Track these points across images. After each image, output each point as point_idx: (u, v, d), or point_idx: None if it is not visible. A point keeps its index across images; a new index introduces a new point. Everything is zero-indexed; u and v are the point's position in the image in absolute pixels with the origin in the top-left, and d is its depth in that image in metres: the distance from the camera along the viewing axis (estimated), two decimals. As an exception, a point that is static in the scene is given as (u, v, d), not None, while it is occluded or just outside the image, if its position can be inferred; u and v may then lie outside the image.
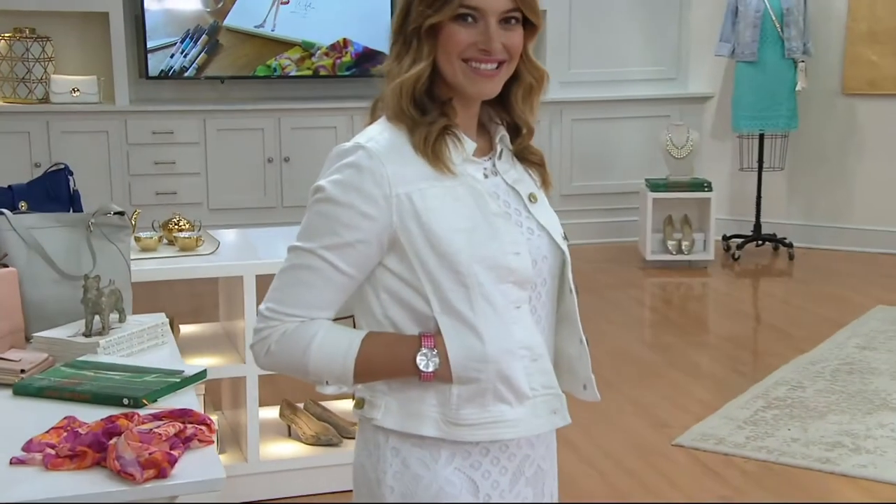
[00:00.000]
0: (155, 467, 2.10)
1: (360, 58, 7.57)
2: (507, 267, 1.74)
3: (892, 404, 4.73)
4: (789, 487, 4.02)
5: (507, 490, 1.82)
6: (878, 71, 7.40)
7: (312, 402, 4.07)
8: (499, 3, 1.72)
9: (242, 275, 3.65)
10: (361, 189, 1.72)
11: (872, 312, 6.08)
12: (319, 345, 1.76)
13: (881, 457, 4.21)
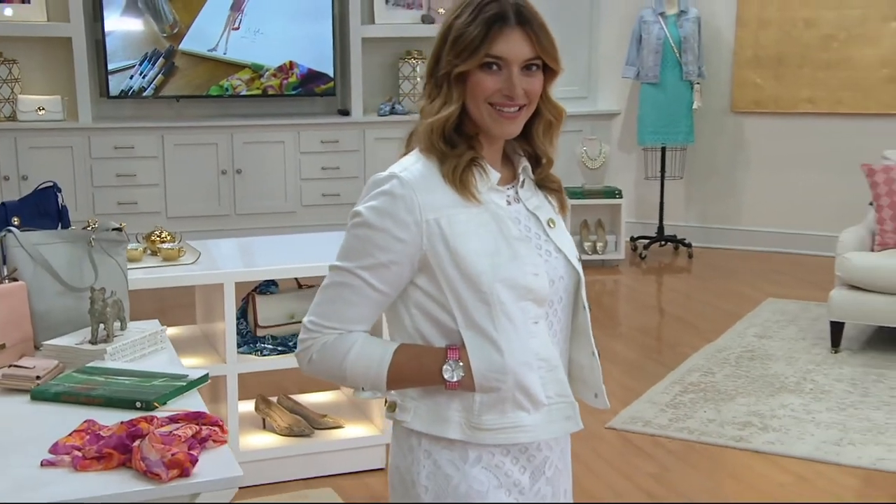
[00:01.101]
0: (178, 467, 2.08)
1: (304, 78, 7.49)
2: (527, 286, 1.75)
3: (790, 387, 4.83)
4: (710, 464, 4.08)
5: (527, 488, 1.83)
6: (761, 92, 7.55)
7: (285, 397, 4.04)
8: (521, 53, 1.73)
9: (223, 282, 3.61)
10: (395, 215, 1.73)
11: (764, 304, 6.19)
12: (356, 355, 1.78)
13: (786, 434, 4.30)
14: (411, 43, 7.72)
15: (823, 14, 7.31)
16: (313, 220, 7.40)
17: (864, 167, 5.58)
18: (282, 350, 3.81)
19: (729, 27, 7.56)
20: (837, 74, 7.33)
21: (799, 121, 7.46)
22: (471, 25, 1.72)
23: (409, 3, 7.71)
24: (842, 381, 4.91)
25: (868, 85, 7.26)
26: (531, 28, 1.73)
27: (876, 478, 3.94)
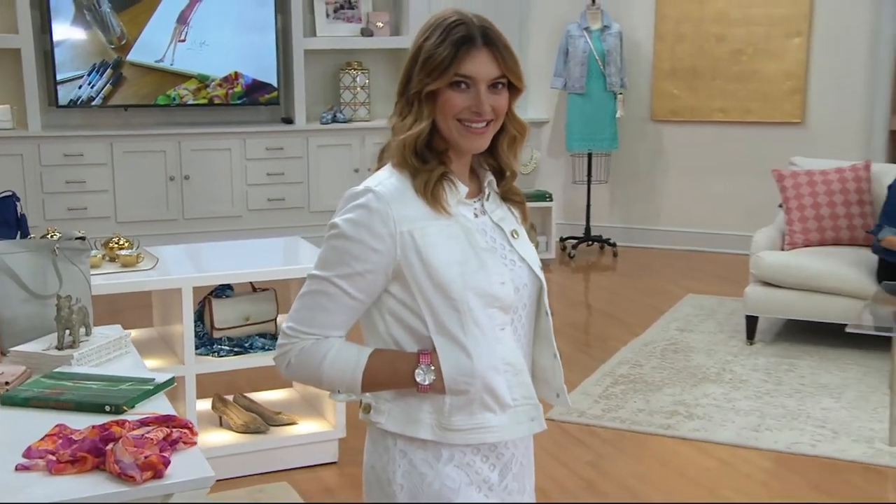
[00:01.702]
0: (152, 469, 2.05)
1: (249, 88, 7.41)
2: (494, 295, 1.75)
3: (711, 377, 4.91)
4: (641, 450, 4.13)
5: (496, 484, 1.84)
6: (678, 102, 7.64)
7: (240, 395, 4.00)
8: (488, 72, 1.74)
9: (181, 287, 3.57)
10: (371, 227, 1.73)
11: (685, 300, 6.27)
12: (332, 360, 1.78)
13: (709, 421, 4.37)
14: (351, 55, 7.69)
15: (733, 31, 7.43)
16: (259, 223, 7.34)
17: (775, 172, 5.70)
18: (238, 351, 3.78)
19: (648, 41, 7.65)
20: (746, 86, 7.45)
21: (712, 129, 7.56)
22: (440, 46, 1.73)
23: (349, 17, 7.68)
24: (757, 370, 5.00)
25: (774, 96, 7.39)
26: (497, 49, 1.74)
27: (790, 460, 4.03)
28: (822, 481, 3.85)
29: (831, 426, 4.31)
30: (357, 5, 7.69)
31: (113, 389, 2.48)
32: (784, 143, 7.15)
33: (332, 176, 7.54)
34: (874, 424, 4.30)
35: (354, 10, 7.68)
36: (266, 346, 3.81)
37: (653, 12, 7.61)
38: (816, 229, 5.49)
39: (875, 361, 5.02)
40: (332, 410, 3.91)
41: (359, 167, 7.58)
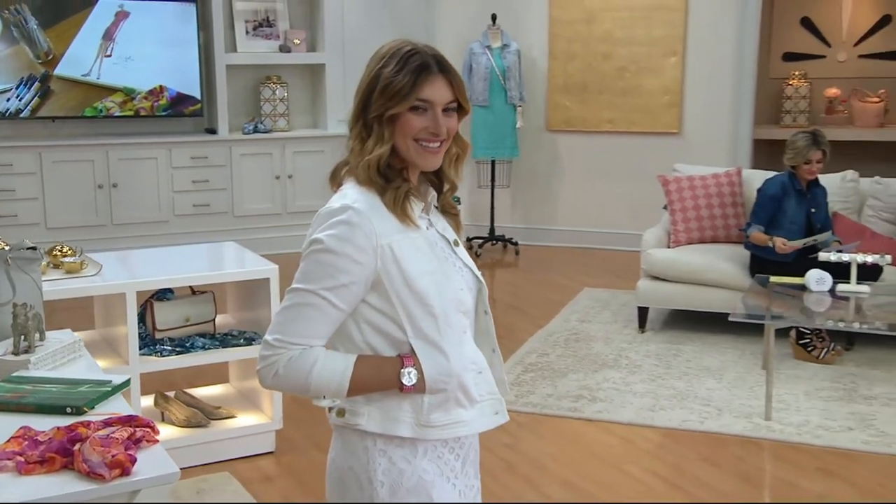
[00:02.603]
0: (119, 467, 2.02)
1: (174, 101, 7.27)
2: (460, 300, 1.80)
3: (610, 363, 4.99)
4: (553, 432, 4.18)
5: (460, 472, 1.86)
6: (570, 113, 7.77)
7: (181, 392, 3.94)
8: (444, 96, 1.76)
9: (126, 291, 3.50)
10: (354, 241, 1.72)
11: (582, 293, 6.36)
12: (321, 368, 1.75)
13: (611, 403, 4.45)
14: (270, 69, 7.61)
15: (618, 50, 7.58)
16: (185, 228, 7.21)
17: (660, 178, 5.84)
18: (180, 350, 3.71)
19: (543, 59, 7.76)
20: (630, 100, 7.59)
21: (602, 138, 7.69)
22: (400, 74, 1.74)
23: (268, 35, 7.59)
24: (650, 356, 5.10)
25: (654, 109, 7.54)
26: (450, 75, 1.77)
27: (682, 436, 4.13)
28: (710, 454, 3.96)
29: (715, 404, 4.44)
30: (275, 23, 7.61)
31: (72, 392, 2.42)
32: (664, 151, 7.33)
33: (254, 183, 7.45)
34: (752, 402, 4.45)
35: (273, 27, 7.60)
36: (206, 345, 3.76)
37: (546, 32, 7.72)
38: (697, 228, 5.66)
39: (749, 346, 5.19)
40: (269, 403, 3.88)
41: (280, 174, 7.52)
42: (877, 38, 9.01)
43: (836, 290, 4.65)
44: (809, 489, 3.67)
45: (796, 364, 4.96)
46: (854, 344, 5.21)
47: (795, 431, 4.14)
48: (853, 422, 4.23)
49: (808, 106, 9.16)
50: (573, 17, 7.65)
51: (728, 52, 7.33)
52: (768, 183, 5.25)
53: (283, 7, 7.63)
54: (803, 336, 5.03)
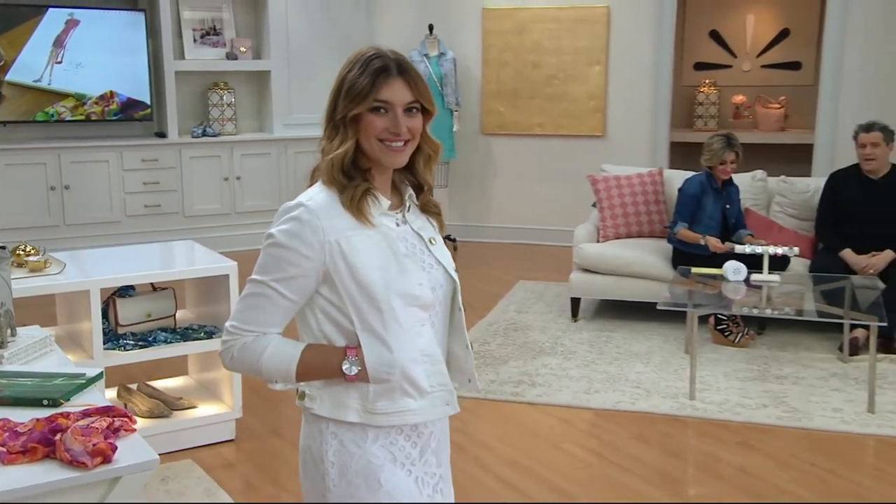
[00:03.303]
0: (101, 455, 1.99)
1: (124, 106, 7.11)
2: (413, 295, 1.76)
3: (547, 350, 5.03)
4: (497, 416, 4.19)
5: (417, 459, 1.83)
6: (503, 118, 7.82)
7: (143, 384, 3.87)
8: (403, 97, 1.74)
9: (90, 289, 3.42)
10: (302, 237, 1.72)
11: (517, 286, 6.39)
12: (270, 354, 1.76)
13: (549, 388, 4.49)
14: (218, 76, 7.49)
15: (546, 59, 7.66)
16: (137, 228, 7.06)
17: (589, 178, 5.92)
18: (142, 345, 3.64)
19: (477, 67, 7.79)
20: (558, 105, 7.68)
21: (533, 140, 7.75)
22: (361, 77, 1.73)
23: (215, 42, 7.48)
24: (583, 343, 5.16)
25: (580, 113, 7.63)
26: (410, 77, 1.75)
27: (616, 416, 4.19)
28: (641, 432, 4.03)
29: (644, 386, 4.51)
30: (222, 32, 7.50)
31: (47, 385, 2.37)
32: (590, 153, 7.43)
33: (204, 184, 7.34)
34: (677, 383, 4.54)
35: (219, 36, 7.49)
36: (168, 339, 3.69)
37: (480, 42, 7.75)
38: (624, 224, 5.75)
39: (673, 331, 5.30)
40: (228, 393, 3.83)
41: (228, 176, 7.41)
42: (777, 49, 9.28)
43: (751, 279, 4.77)
44: (731, 461, 3.75)
45: (715, 348, 5.07)
46: (765, 328, 5.36)
47: (717, 409, 4.24)
48: (767, 399, 4.35)
49: (717, 111, 9.39)
50: (505, 28, 7.70)
51: (646, 61, 7.45)
52: (688, 182, 5.35)
53: (230, 16, 7.52)
54: (721, 322, 5.15)
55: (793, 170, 6.50)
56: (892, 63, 6.91)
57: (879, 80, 6.96)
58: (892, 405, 4.26)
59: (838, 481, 3.58)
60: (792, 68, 9.25)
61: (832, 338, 5.15)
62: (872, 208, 5.18)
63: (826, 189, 5.41)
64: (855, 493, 3.50)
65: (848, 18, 6.97)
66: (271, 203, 7.62)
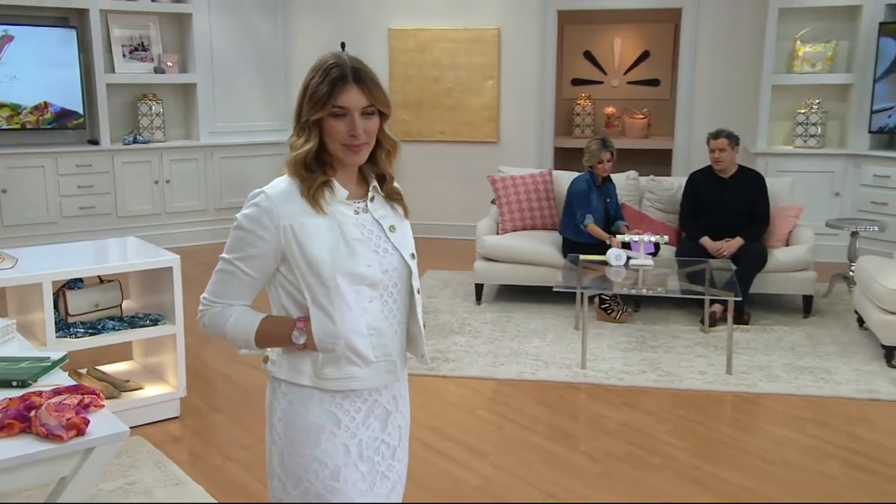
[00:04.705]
0: (75, 428, 1.95)
1: (58, 115, 6.80)
2: (360, 275, 1.74)
3: (456, 330, 5.06)
4: (417, 388, 4.00)
5: (361, 423, 1.82)
6: (409, 126, 7.82)
7: (92, 368, 3.73)
8: (358, 103, 1.73)
9: (42, 282, 3.28)
10: (260, 220, 1.74)
11: (427, 275, 6.36)
12: (234, 323, 1.80)
13: (460, 363, 4.52)
14: (147, 88, 7.26)
15: (446, 74, 7.71)
16: (73, 228, 6.78)
17: (489, 177, 6.00)
18: (92, 332, 3.52)
19: (385, 80, 7.66)
20: (457, 115, 7.73)
21: (435, 146, 7.79)
22: (321, 85, 1.72)
23: (143, 57, 7.23)
24: (487, 323, 5.20)
25: (476, 122, 7.71)
26: (365, 84, 1.74)
27: (520, 385, 4.26)
28: (542, 398, 4.12)
29: (543, 358, 4.60)
30: (149, 47, 7.26)
31: (15, 367, 2.29)
32: (486, 157, 7.52)
33: (135, 187, 7.10)
34: (570, 355, 4.64)
35: (147, 51, 7.25)
36: (115, 327, 3.58)
37: (387, 59, 7.74)
38: (520, 218, 5.85)
39: (564, 311, 5.40)
40: (173, 375, 3.74)
41: (158, 180, 7.19)
42: (640, 68, 9.62)
43: (629, 264, 4.91)
44: (617, 418, 3.87)
45: (600, 324, 5.20)
46: (640, 306, 5.55)
47: (604, 376, 4.36)
48: (645, 366, 4.50)
49: (592, 121, 9.67)
50: (409, 47, 7.72)
51: (532, 77, 7.59)
52: (576, 181, 5.47)
53: (157, 33, 7.29)
54: (605, 301, 5.30)
55: (656, 171, 6.75)
56: (734, 80, 7.26)
57: (725, 95, 7.31)
58: (745, 367, 4.48)
59: (705, 431, 3.75)
60: (652, 84, 9.60)
61: (695, 312, 5.37)
62: (724, 203, 5.42)
63: (687, 187, 5.62)
64: (717, 439, 3.66)
65: (698, 42, 7.29)
66: (199, 204, 7.45)
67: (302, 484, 1.78)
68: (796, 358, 4.63)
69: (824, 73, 6.78)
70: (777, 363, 4.55)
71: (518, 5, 7.50)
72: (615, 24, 9.49)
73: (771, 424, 3.84)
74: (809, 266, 5.34)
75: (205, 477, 3.26)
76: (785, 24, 6.81)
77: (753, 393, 4.17)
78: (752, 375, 4.37)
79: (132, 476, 3.22)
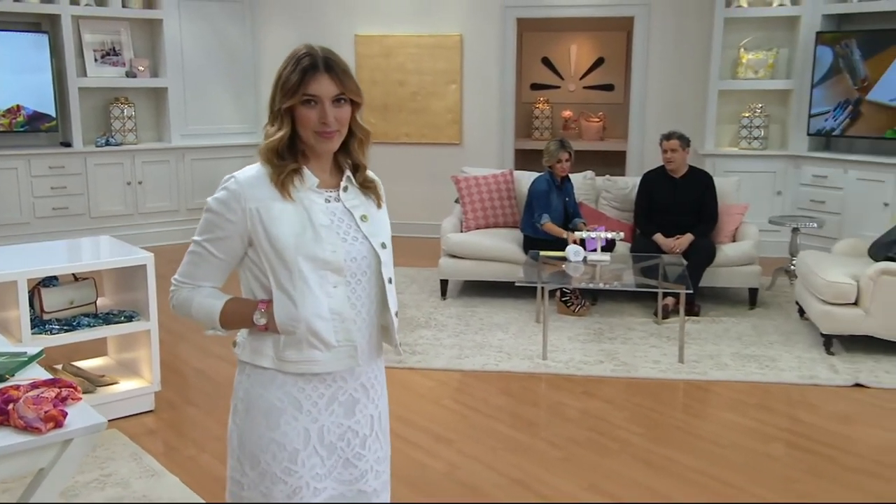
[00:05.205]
0: (53, 420, 1.91)
1: (31, 118, 6.64)
2: (324, 260, 1.71)
3: (423, 324, 5.04)
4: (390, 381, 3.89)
5: (324, 408, 1.78)
6: (376, 128, 7.63)
7: (68, 364, 3.66)
8: (329, 91, 1.71)
9: (17, 280, 3.21)
10: (228, 204, 1.73)
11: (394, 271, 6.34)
12: (199, 304, 1.79)
13: (427, 355, 4.51)
14: (119, 91, 7.13)
15: (411, 78, 7.69)
16: (46, 228, 6.65)
17: (453, 177, 5.99)
18: (67, 329, 3.45)
19: (351, 85, 7.75)
20: (422, 118, 7.71)
21: (401, 147, 7.75)
22: (292, 73, 1.70)
23: (115, 62, 7.10)
24: (452, 317, 5.20)
25: (440, 125, 7.70)
26: (335, 73, 1.71)
27: (484, 376, 4.27)
28: (505, 388, 4.13)
29: (506, 350, 4.61)
30: (121, 52, 7.14)
31: (-9, 363, 2.23)
32: (449, 158, 7.52)
33: (108, 188, 6.98)
34: (532, 347, 4.66)
35: (119, 56, 7.12)
36: (91, 323, 3.52)
37: (353, 64, 7.69)
38: (483, 217, 5.86)
39: (525, 305, 5.43)
40: (147, 370, 3.69)
41: (131, 181, 7.08)
42: (595, 73, 9.71)
43: (587, 259, 4.95)
44: (577, 406, 3.90)
45: (559, 317, 5.22)
46: (598, 299, 5.60)
47: (564, 366, 4.39)
48: (602, 356, 4.53)
49: (550, 123, 9.73)
50: (374, 52, 7.70)
51: (493, 82, 7.60)
52: (537, 181, 5.50)
53: (128, 39, 7.17)
54: (564, 295, 5.34)
55: (611, 171, 6.81)
56: (683, 85, 7.36)
57: (675, 99, 7.41)
58: (696, 356, 4.55)
59: (659, 417, 3.80)
60: (607, 89, 9.70)
61: (649, 305, 5.43)
62: (676, 201, 5.49)
63: (640, 186, 5.67)
64: (671, 424, 3.71)
65: (649, 50, 7.38)
66: (171, 204, 7.34)
67: (260, 465, 1.75)
68: (743, 347, 4.71)
69: (766, 79, 6.91)
70: (725, 352, 4.62)
71: (479, 13, 7.51)
72: (571, 31, 9.56)
73: (720, 410, 3.91)
74: (754, 261, 5.44)
75: (180, 468, 3.22)
76: (730, 33, 6.92)
77: (704, 380, 4.23)
78: (702, 364, 4.44)
79: (108, 468, 3.17)
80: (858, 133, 6.53)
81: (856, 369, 4.36)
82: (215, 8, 7.45)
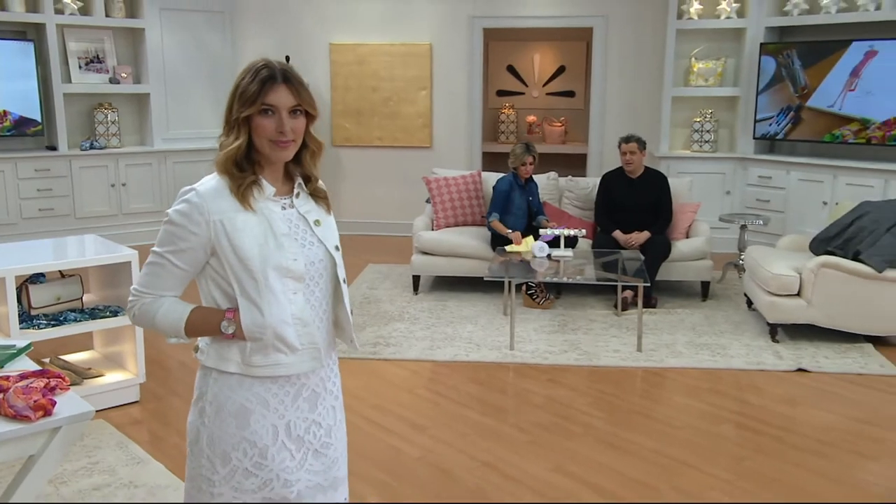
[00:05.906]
0: (42, 409, 1.89)
1: (17, 123, 6.52)
2: (287, 268, 1.69)
3: (396, 318, 5.03)
4: (361, 370, 4.16)
5: (290, 405, 1.76)
6: (350, 132, 7.75)
7: (56, 357, 3.60)
8: (286, 102, 1.68)
9: (5, 276, 3.15)
10: (190, 216, 1.67)
11: (367, 269, 6.33)
12: (163, 314, 1.72)
13: (400, 347, 4.50)
14: (103, 97, 7.02)
15: (384, 84, 7.66)
16: (32, 229, 6.52)
17: (424, 178, 5.98)
18: (54, 324, 3.39)
19: (326, 91, 7.69)
20: (394, 122, 7.69)
21: (374, 151, 7.73)
22: (251, 84, 1.67)
23: (99, 69, 6.99)
24: (424, 311, 5.19)
25: (412, 129, 7.68)
26: (293, 84, 1.69)
27: (455, 365, 4.27)
28: (476, 376, 4.13)
29: (475, 342, 4.61)
30: (104, 60, 7.02)
31: (-19, 356, 2.19)
32: (420, 160, 7.52)
33: (92, 190, 6.86)
34: (499, 338, 4.67)
35: (103, 63, 7.01)
36: (77, 318, 3.46)
37: (329, 71, 7.67)
38: (453, 216, 5.86)
39: (493, 299, 5.44)
40: (132, 362, 3.64)
41: (115, 183, 6.97)
42: (558, 81, 9.77)
43: (552, 255, 4.98)
44: (543, 393, 3.92)
45: (525, 310, 5.24)
46: (561, 293, 5.64)
47: (530, 356, 4.41)
48: (566, 346, 4.56)
49: (515, 128, 9.77)
50: (349, 60, 7.66)
51: (461, 88, 7.61)
52: (500, 182, 5.51)
53: (111, 46, 7.06)
54: (530, 289, 5.37)
55: (573, 172, 6.87)
56: (640, 92, 7.44)
57: (632, 105, 7.49)
58: (653, 345, 4.60)
59: (619, 402, 3.84)
60: (568, 96, 9.76)
61: (609, 298, 5.48)
62: (633, 200, 5.54)
63: (601, 186, 5.72)
64: (630, 409, 3.75)
65: (607, 59, 7.45)
66: (154, 206, 7.24)
67: (231, 462, 1.73)
68: (696, 336, 4.78)
69: (715, 86, 7.01)
70: (680, 341, 4.68)
71: (447, 23, 7.52)
72: (534, 41, 9.60)
73: (676, 394, 3.96)
74: (706, 256, 5.51)
75: (164, 456, 3.18)
76: (682, 44, 7.01)
77: (660, 367, 4.28)
78: (659, 352, 4.49)
79: (96, 456, 3.12)
80: (800, 137, 6.66)
81: (798, 355, 4.44)
82: (196, 17, 7.36)
